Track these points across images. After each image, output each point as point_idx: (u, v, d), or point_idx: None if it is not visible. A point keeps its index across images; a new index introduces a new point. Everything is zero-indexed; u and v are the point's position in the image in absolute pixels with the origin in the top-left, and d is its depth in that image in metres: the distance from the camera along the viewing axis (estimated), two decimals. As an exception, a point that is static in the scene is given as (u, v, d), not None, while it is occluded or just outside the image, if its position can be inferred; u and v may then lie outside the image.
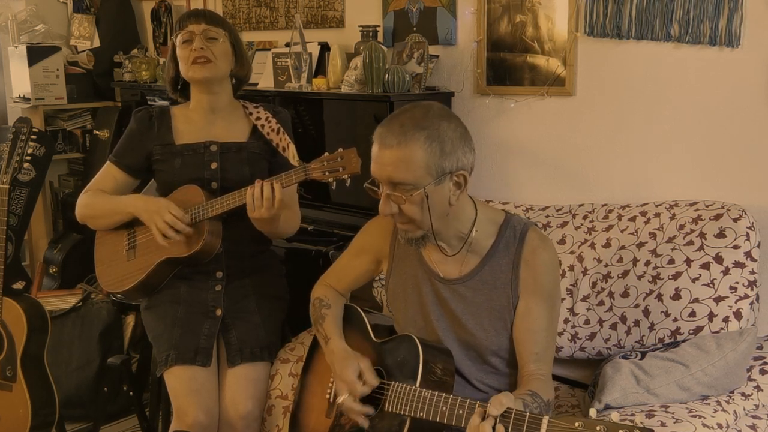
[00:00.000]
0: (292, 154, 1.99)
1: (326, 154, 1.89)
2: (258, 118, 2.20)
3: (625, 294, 2.04)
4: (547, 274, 1.67)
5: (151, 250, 2.12)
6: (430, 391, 1.55)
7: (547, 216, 2.33)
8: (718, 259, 1.93)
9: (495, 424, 1.36)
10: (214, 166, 2.15)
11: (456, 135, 1.59)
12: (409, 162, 1.55)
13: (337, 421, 1.76)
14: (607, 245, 2.11)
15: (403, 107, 1.64)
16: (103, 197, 2.18)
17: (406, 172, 1.55)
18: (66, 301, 3.13)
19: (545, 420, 1.31)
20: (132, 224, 2.19)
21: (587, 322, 2.09)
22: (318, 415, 1.84)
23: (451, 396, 1.51)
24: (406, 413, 1.57)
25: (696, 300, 1.93)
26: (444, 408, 1.50)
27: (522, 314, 1.66)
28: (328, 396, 1.80)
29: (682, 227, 2.02)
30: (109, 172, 2.22)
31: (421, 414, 1.54)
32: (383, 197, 1.61)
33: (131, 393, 2.83)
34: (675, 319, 1.94)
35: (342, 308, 1.94)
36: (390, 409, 1.62)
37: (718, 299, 1.91)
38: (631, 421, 1.24)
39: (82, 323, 3.04)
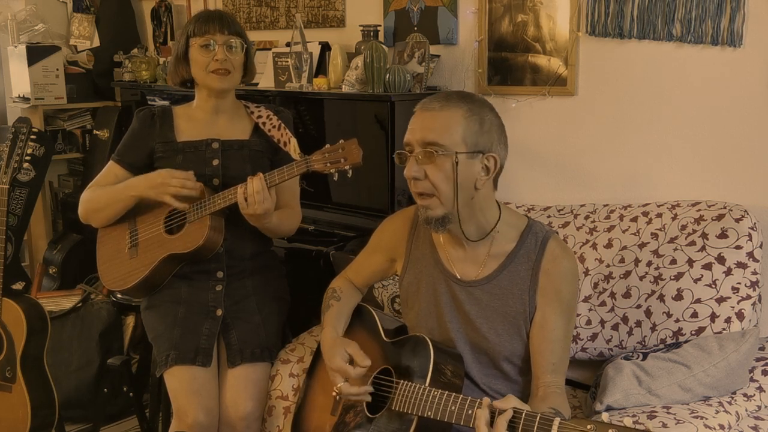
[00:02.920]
0: (293, 148, 1.99)
1: (327, 145, 1.90)
2: (259, 117, 2.21)
3: (626, 294, 2.03)
4: (566, 284, 1.66)
5: (154, 247, 2.12)
6: (439, 390, 1.54)
7: (549, 216, 2.32)
8: (720, 259, 1.93)
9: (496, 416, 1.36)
10: (215, 163, 2.15)
11: (495, 123, 1.64)
12: (447, 125, 1.58)
13: (342, 419, 1.76)
14: (609, 246, 2.11)
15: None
16: (102, 189, 2.18)
17: (442, 133, 1.58)
18: (66, 301, 3.12)
19: (556, 421, 1.30)
20: (134, 222, 2.19)
21: (589, 322, 2.08)
22: (322, 412, 1.84)
23: (461, 396, 1.51)
24: (414, 412, 1.57)
25: (698, 301, 1.93)
26: (453, 408, 1.49)
27: (539, 323, 1.65)
28: (334, 393, 1.79)
29: (684, 227, 2.01)
30: (111, 171, 2.21)
31: (429, 413, 1.53)
32: (411, 160, 1.62)
33: (131, 394, 2.82)
34: (677, 320, 1.94)
35: (353, 304, 1.94)
36: (397, 408, 1.61)
37: (720, 300, 1.91)
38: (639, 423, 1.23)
39: (82, 324, 3.04)
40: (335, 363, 1.71)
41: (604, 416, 1.27)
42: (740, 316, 1.89)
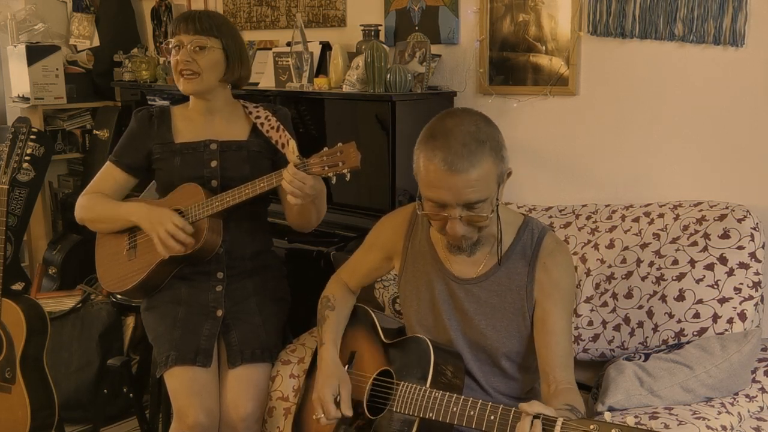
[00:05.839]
0: (292, 150, 1.98)
1: (326, 149, 1.88)
2: (258, 117, 2.19)
3: (628, 295, 2.02)
4: (564, 277, 1.66)
5: (152, 249, 2.11)
6: (441, 391, 1.54)
7: (550, 216, 2.32)
8: (723, 260, 1.92)
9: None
10: (213, 164, 2.14)
11: (501, 137, 1.59)
12: (486, 179, 1.53)
13: (342, 421, 1.75)
14: (611, 246, 2.10)
15: (440, 121, 1.57)
16: (104, 201, 2.16)
17: (484, 190, 1.53)
18: (65, 302, 3.11)
19: (559, 422, 1.29)
20: (133, 224, 2.18)
21: (590, 323, 2.07)
22: None
23: (462, 397, 1.50)
24: (415, 414, 1.56)
25: (700, 301, 1.92)
26: (455, 408, 1.49)
27: (541, 318, 1.64)
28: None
29: (686, 228, 2.01)
30: (108, 173, 2.20)
31: (431, 414, 1.53)
32: (454, 222, 1.55)
33: (131, 395, 2.82)
34: (679, 321, 1.93)
35: (348, 310, 1.93)
36: (398, 410, 1.61)
37: (723, 300, 1.90)
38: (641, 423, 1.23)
39: (82, 324, 3.03)
40: (325, 396, 1.71)
41: (607, 416, 1.26)
42: (742, 316, 1.89)
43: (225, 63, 2.12)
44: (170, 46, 2.10)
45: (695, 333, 1.91)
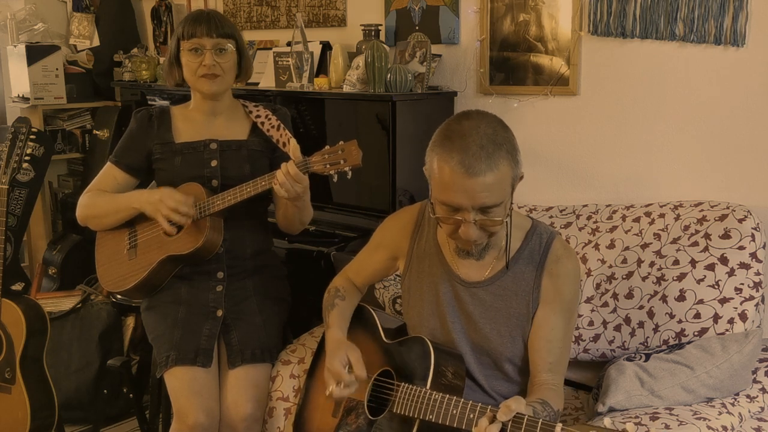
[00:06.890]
0: (293, 147, 1.98)
1: (327, 147, 1.89)
2: (258, 116, 2.20)
3: (629, 295, 2.02)
4: (568, 284, 1.66)
5: (153, 249, 2.11)
6: (441, 393, 1.54)
7: (551, 217, 2.32)
8: (723, 260, 1.92)
9: (504, 429, 1.34)
10: (214, 163, 2.14)
11: (516, 141, 1.57)
12: (501, 183, 1.51)
13: (343, 420, 1.75)
14: (611, 246, 2.10)
15: (456, 122, 1.55)
16: (104, 196, 2.17)
17: (499, 194, 1.51)
18: (65, 302, 3.11)
19: (558, 427, 1.29)
20: (133, 223, 2.18)
21: (591, 323, 2.07)
22: (324, 414, 1.83)
23: (462, 399, 1.50)
24: (415, 415, 1.56)
25: (701, 301, 1.92)
26: (454, 411, 1.49)
27: (539, 323, 1.64)
28: (327, 393, 1.78)
29: (686, 228, 2.00)
30: (109, 173, 2.21)
31: (431, 416, 1.53)
32: (468, 225, 1.54)
33: (131, 395, 2.82)
34: (680, 321, 1.93)
35: (355, 303, 1.93)
36: (398, 411, 1.60)
37: (723, 300, 1.90)
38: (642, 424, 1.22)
39: (82, 325, 3.03)
40: (334, 366, 1.70)
41: (606, 422, 1.26)
42: (743, 317, 1.89)
43: (238, 63, 2.16)
44: (186, 47, 2.10)
45: (696, 333, 1.91)
